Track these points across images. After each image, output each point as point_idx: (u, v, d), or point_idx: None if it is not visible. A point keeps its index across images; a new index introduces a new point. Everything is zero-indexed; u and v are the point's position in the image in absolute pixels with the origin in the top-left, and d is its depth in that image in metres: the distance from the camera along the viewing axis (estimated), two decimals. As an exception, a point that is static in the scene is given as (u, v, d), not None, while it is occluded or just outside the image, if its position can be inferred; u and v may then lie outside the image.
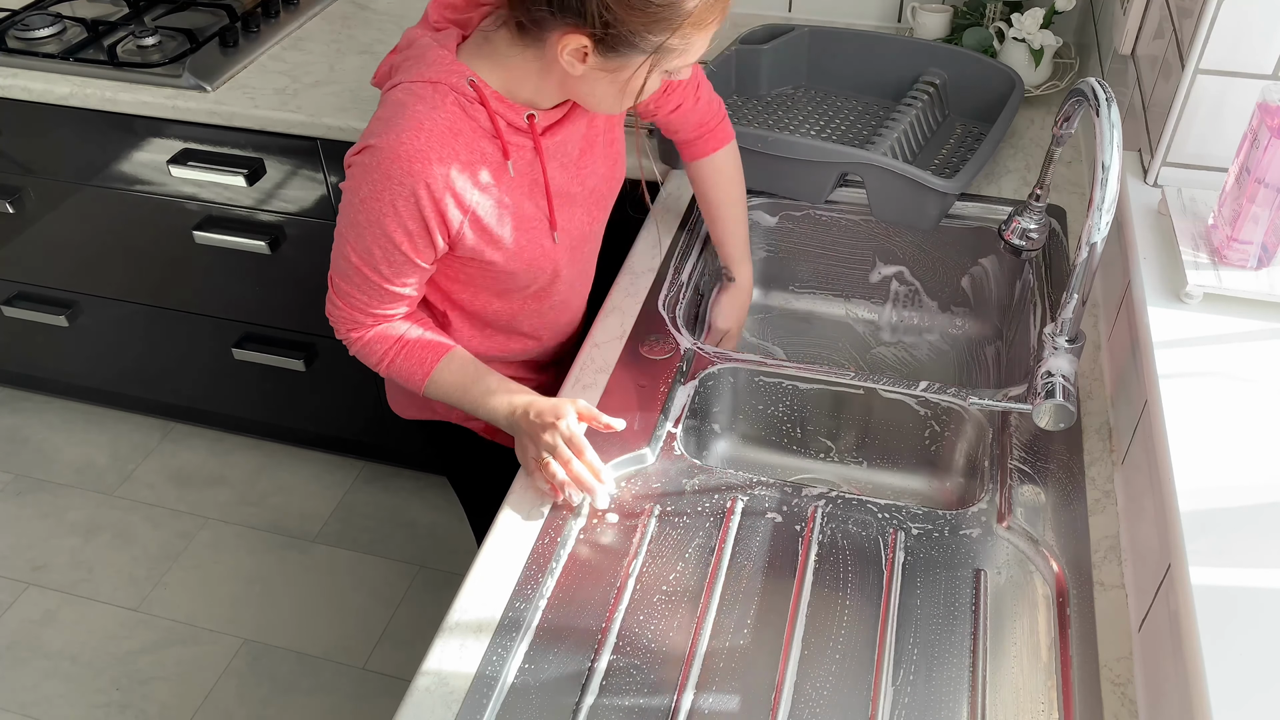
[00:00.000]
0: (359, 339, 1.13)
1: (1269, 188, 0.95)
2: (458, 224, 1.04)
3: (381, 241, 1.02)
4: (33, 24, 1.89)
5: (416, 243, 1.03)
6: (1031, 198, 1.19)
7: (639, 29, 0.92)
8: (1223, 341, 0.97)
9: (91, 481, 2.34)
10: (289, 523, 2.24)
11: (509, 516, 1.04)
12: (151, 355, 2.22)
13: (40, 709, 1.91)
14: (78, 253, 2.07)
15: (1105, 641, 0.90)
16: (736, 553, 1.01)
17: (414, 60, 1.02)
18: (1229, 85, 1.07)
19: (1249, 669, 0.71)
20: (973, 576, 0.98)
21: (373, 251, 1.03)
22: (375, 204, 1.00)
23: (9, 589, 2.11)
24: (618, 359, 1.21)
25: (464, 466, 1.43)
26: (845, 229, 1.47)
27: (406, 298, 1.10)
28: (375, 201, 1.00)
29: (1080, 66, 1.70)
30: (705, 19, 0.94)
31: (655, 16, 0.91)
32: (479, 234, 1.06)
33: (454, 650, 0.91)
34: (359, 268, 1.05)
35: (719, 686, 0.90)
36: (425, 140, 0.98)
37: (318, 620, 2.04)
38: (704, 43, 0.98)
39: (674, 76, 1.02)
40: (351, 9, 2.03)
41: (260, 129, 1.71)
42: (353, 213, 1.02)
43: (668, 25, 0.92)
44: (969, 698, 0.88)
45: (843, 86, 1.69)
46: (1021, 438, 1.09)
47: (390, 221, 1.01)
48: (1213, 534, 0.79)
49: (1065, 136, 1.09)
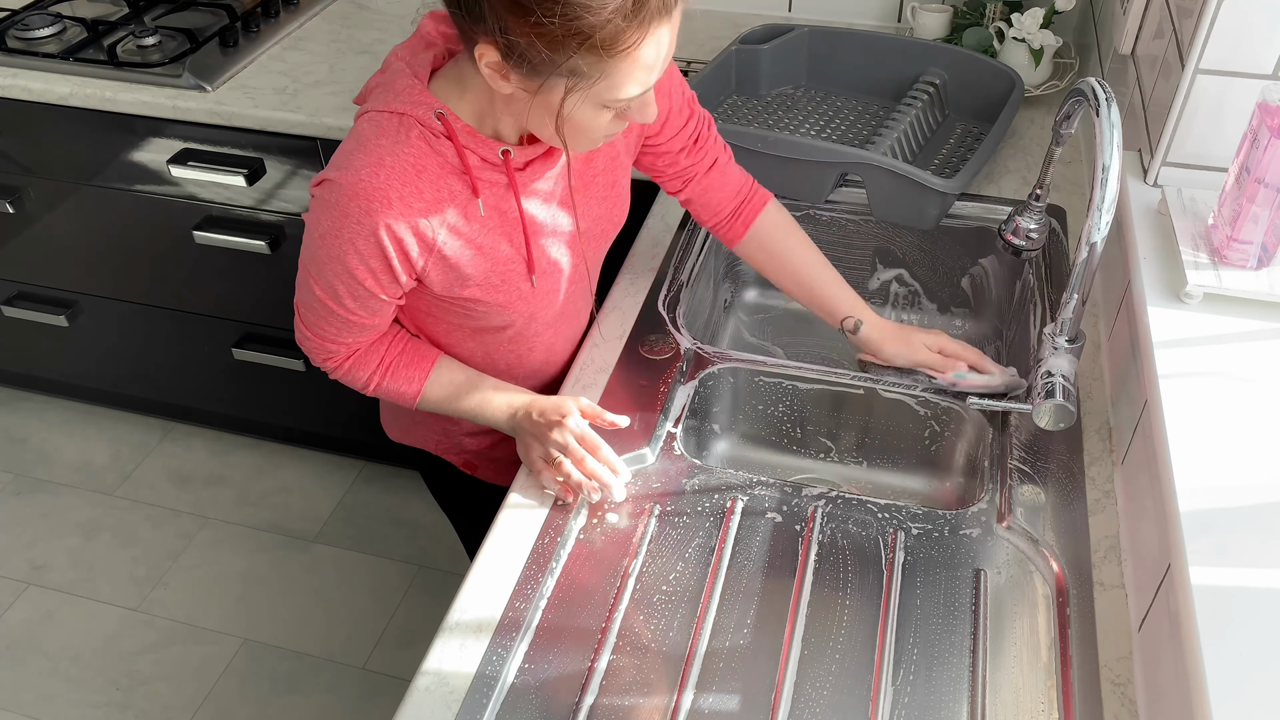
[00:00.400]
0: (336, 368, 1.10)
1: (1269, 188, 0.95)
2: (422, 263, 0.98)
3: (344, 277, 0.98)
4: (33, 24, 1.89)
5: (380, 279, 0.98)
6: (1032, 198, 1.20)
7: (537, 43, 0.82)
8: (1223, 341, 0.97)
9: (91, 481, 2.34)
10: (289, 523, 2.24)
11: (509, 516, 1.04)
12: (151, 355, 2.22)
13: (40, 709, 1.91)
14: (78, 253, 2.07)
15: (1105, 641, 0.90)
16: (736, 553, 1.01)
17: (384, 87, 0.97)
18: (1229, 85, 1.07)
19: (1249, 669, 0.71)
20: (973, 576, 0.98)
21: (335, 286, 0.99)
22: (335, 240, 0.95)
23: (9, 589, 2.11)
24: (618, 359, 1.21)
25: (447, 492, 1.41)
26: (845, 229, 1.47)
27: (375, 328, 1.06)
28: (335, 238, 0.95)
29: (1080, 66, 1.70)
30: (617, 45, 0.82)
31: (548, 31, 0.81)
32: (447, 273, 1.01)
33: (454, 650, 0.91)
34: (323, 301, 1.01)
35: (719, 686, 0.90)
36: (385, 178, 0.92)
37: (318, 620, 2.04)
38: (635, 74, 0.86)
39: (632, 116, 0.93)
40: (351, 9, 2.03)
41: (260, 129, 1.71)
42: (314, 247, 0.98)
43: (564, 45, 0.82)
44: (969, 698, 0.88)
45: (843, 86, 1.69)
46: (1021, 438, 1.09)
47: (351, 258, 0.96)
48: (1213, 534, 0.79)
49: (1065, 136, 1.09)
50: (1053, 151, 1.12)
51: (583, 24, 0.80)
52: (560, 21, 0.80)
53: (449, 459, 1.31)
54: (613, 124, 0.93)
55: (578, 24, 0.80)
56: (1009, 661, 0.91)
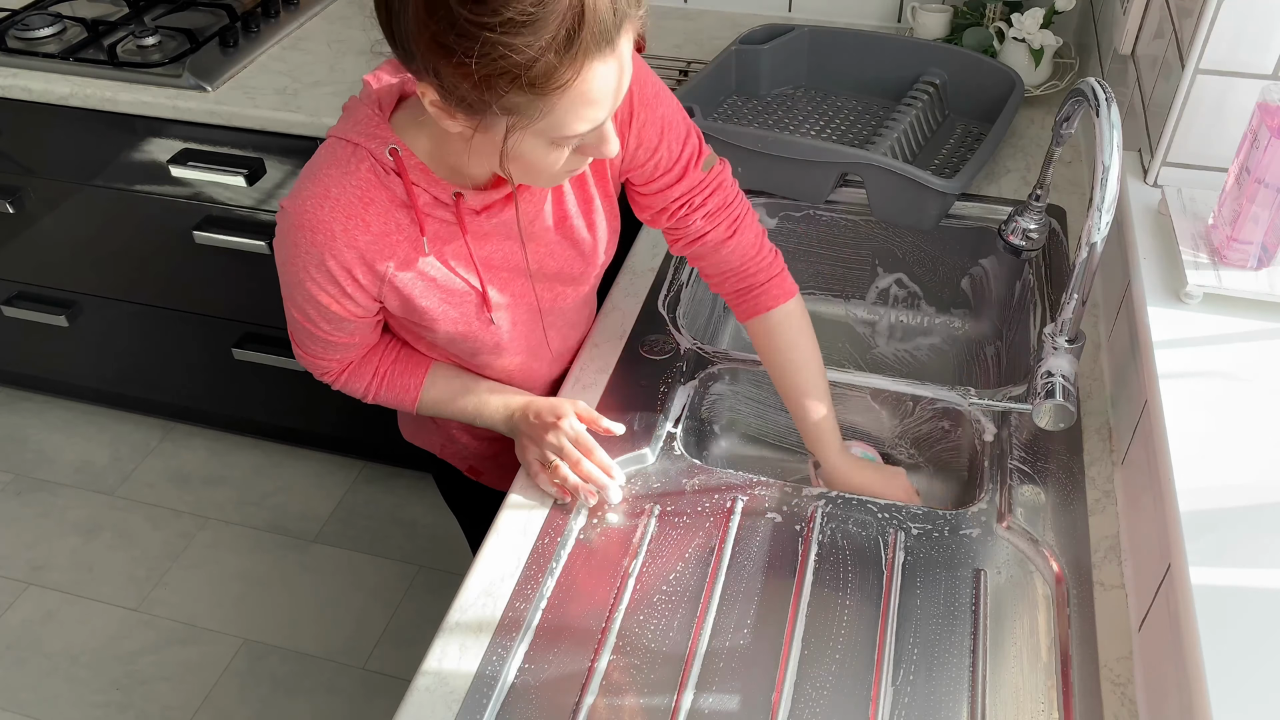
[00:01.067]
0: (334, 381, 1.11)
1: (1269, 188, 0.95)
2: (376, 290, 0.98)
3: (310, 301, 0.98)
4: (33, 24, 1.89)
5: (342, 303, 0.98)
6: (1031, 198, 1.19)
7: (464, 84, 0.77)
8: (1223, 341, 0.97)
9: (91, 481, 2.34)
10: (289, 523, 2.24)
11: (509, 516, 1.04)
12: (151, 355, 2.22)
13: (40, 709, 1.91)
14: (78, 253, 2.07)
15: (1105, 641, 0.90)
16: (736, 553, 1.01)
17: (348, 113, 0.95)
18: (1229, 85, 1.07)
19: (1249, 669, 0.71)
20: (973, 576, 0.98)
21: (306, 309, 1.00)
22: (293, 269, 0.96)
23: (9, 589, 2.11)
24: (618, 359, 1.21)
25: (454, 495, 1.43)
26: (845, 229, 1.47)
27: (358, 345, 1.07)
28: (293, 265, 0.96)
29: (1080, 66, 1.70)
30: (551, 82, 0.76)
31: (474, 72, 0.75)
32: (401, 303, 1.00)
33: (454, 650, 0.91)
34: (301, 324, 1.02)
35: (719, 686, 0.90)
36: (329, 211, 0.91)
37: (318, 620, 2.04)
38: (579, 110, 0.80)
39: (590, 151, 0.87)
40: (351, 9, 2.03)
41: (260, 129, 1.71)
42: (281, 273, 0.99)
43: (494, 84, 0.76)
44: (969, 698, 0.88)
45: (843, 86, 1.69)
46: (1021, 438, 1.09)
47: (310, 285, 0.96)
48: (1213, 534, 0.79)
49: (1065, 136, 1.09)
50: (1053, 152, 1.12)
51: (508, 63, 0.74)
52: (484, 61, 0.74)
53: (454, 464, 1.32)
54: (572, 159, 0.87)
55: (502, 63, 0.74)
56: (1009, 661, 0.91)
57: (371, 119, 0.93)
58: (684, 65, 1.80)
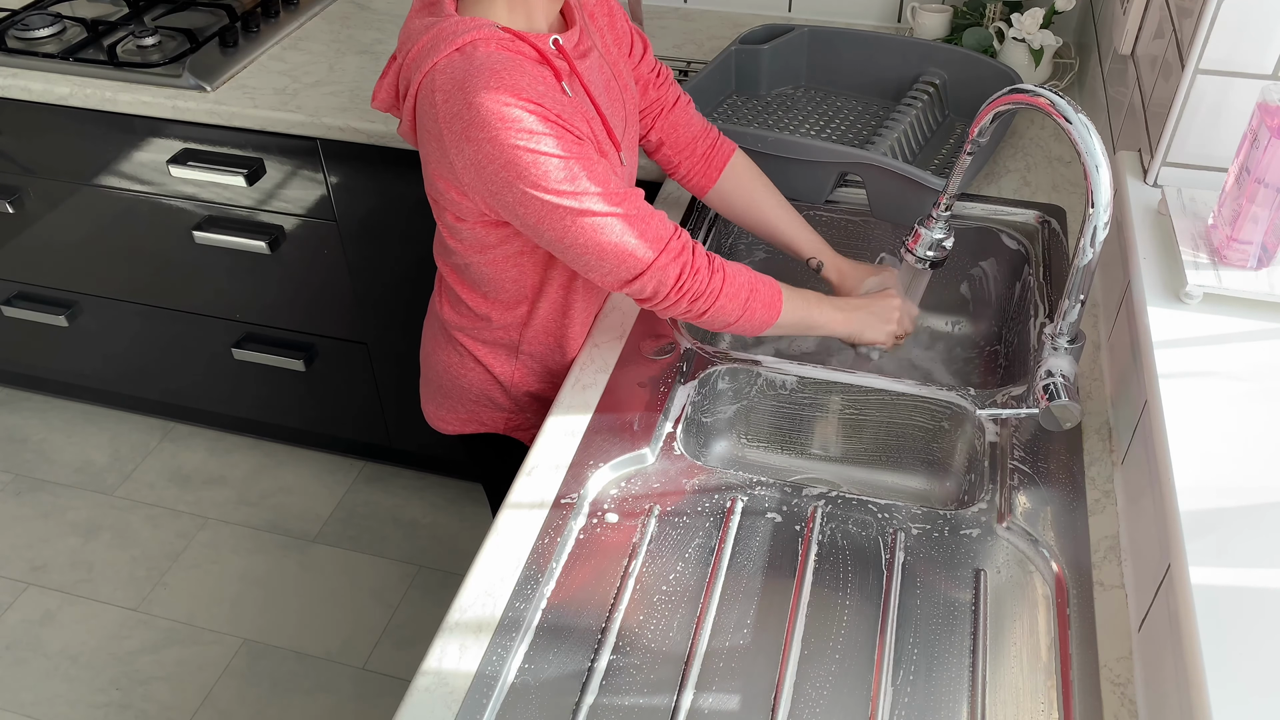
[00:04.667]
0: (711, 271, 1.08)
1: (1269, 188, 0.95)
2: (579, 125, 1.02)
3: (553, 133, 0.98)
4: (33, 24, 1.89)
5: (562, 136, 0.99)
6: (938, 207, 1.18)
7: None
8: (1223, 341, 0.97)
9: (91, 481, 2.34)
10: (289, 523, 2.24)
11: (509, 516, 1.04)
12: (151, 355, 2.22)
13: (40, 709, 1.91)
14: (78, 253, 2.07)
15: (1105, 641, 0.90)
16: (736, 553, 1.01)
17: (433, 40, 1.00)
18: (1229, 85, 1.07)
19: (1249, 669, 0.71)
20: (973, 576, 0.98)
21: (559, 143, 0.98)
22: (515, 144, 0.97)
23: (9, 589, 2.11)
24: (618, 359, 1.21)
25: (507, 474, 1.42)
26: (845, 229, 1.47)
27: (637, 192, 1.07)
28: (514, 141, 0.97)
29: (1080, 66, 1.70)
30: None
31: None
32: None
33: (454, 650, 0.91)
34: (565, 159, 0.99)
35: (719, 686, 0.90)
36: (514, 79, 0.96)
37: (318, 620, 2.04)
38: None
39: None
40: (351, 9, 2.03)
41: (260, 129, 1.71)
42: (497, 140, 0.97)
43: None
44: (969, 698, 0.88)
45: (843, 86, 1.69)
46: (1021, 438, 1.09)
47: (539, 141, 0.97)
48: (1213, 534, 0.79)
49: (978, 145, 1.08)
50: (963, 161, 1.11)
51: None
52: None
53: (519, 437, 1.33)
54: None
55: None
56: (1009, 661, 0.91)
57: (458, 21, 1.00)
58: (684, 65, 1.80)
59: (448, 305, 1.25)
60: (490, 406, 1.31)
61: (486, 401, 1.30)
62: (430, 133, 1.03)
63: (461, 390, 1.30)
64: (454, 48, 0.99)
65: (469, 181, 1.02)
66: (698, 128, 1.29)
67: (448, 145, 1.00)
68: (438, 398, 1.34)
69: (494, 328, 1.23)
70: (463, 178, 1.03)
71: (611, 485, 1.07)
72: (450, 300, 1.24)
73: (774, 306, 1.13)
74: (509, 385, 1.27)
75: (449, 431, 1.36)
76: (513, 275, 1.17)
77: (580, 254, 1.04)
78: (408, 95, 1.04)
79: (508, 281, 1.17)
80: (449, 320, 1.26)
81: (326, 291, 1.95)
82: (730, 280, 1.10)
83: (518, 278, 1.17)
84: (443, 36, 0.99)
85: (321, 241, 1.86)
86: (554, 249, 1.05)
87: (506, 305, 1.20)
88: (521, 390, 1.28)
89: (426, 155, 1.07)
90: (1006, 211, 1.43)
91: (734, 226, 1.48)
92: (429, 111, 1.01)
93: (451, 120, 0.98)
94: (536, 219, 1.02)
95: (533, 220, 1.02)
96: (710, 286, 1.08)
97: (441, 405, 1.34)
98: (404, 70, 1.04)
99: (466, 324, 1.24)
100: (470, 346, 1.26)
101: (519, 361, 1.25)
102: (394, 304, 1.91)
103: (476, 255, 1.15)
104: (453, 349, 1.27)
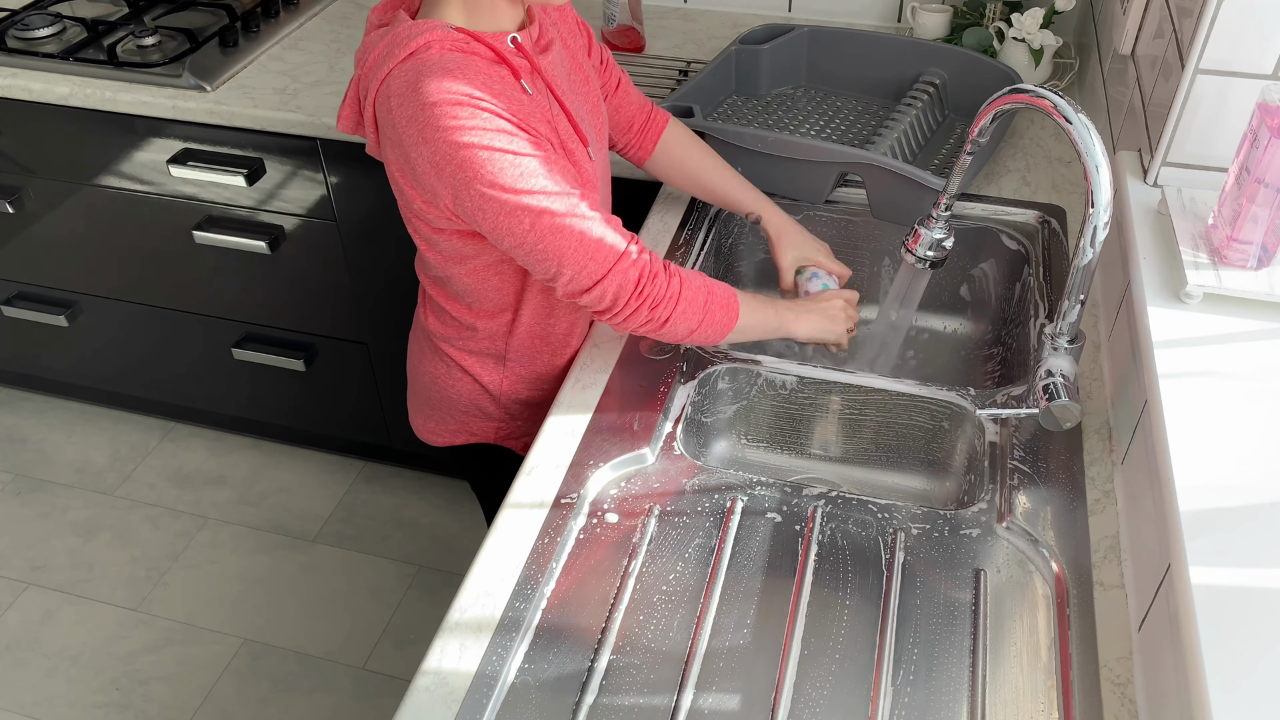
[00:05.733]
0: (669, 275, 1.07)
1: (1269, 188, 0.95)
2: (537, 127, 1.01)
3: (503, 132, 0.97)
4: (33, 24, 1.89)
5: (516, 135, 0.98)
6: (938, 207, 1.18)
7: None
8: (1223, 341, 0.97)
9: (91, 481, 2.34)
10: (289, 523, 2.24)
11: (509, 516, 1.04)
12: (151, 355, 2.22)
13: (40, 709, 1.91)
14: (78, 253, 2.07)
15: (1105, 641, 0.90)
16: (736, 553, 1.01)
17: (389, 45, 0.99)
18: (1229, 85, 1.07)
19: (1249, 669, 0.71)
20: (973, 576, 0.98)
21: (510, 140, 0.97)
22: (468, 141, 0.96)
23: (9, 589, 2.11)
24: (618, 359, 1.21)
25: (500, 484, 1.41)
26: (845, 229, 1.47)
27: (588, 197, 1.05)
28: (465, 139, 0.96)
29: (1080, 66, 1.70)
30: None
31: None
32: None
33: (454, 650, 0.91)
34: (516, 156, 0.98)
35: (719, 686, 0.90)
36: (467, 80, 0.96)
37: (318, 620, 2.04)
38: None
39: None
40: (351, 9, 2.03)
41: (260, 129, 1.71)
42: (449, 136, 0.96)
43: None
44: (969, 698, 0.88)
45: (843, 86, 1.69)
46: (1021, 438, 1.09)
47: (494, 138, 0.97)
48: (1213, 534, 0.79)
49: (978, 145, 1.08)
50: (963, 161, 1.11)
51: None
52: None
53: (510, 445, 1.33)
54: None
55: None
56: (1009, 661, 0.91)
57: (411, 26, 0.99)
58: (684, 65, 1.80)
59: (432, 317, 1.25)
60: (480, 416, 1.30)
61: (476, 411, 1.29)
62: (391, 140, 1.01)
63: (450, 401, 1.29)
64: (408, 52, 0.97)
65: (435, 186, 1.01)
66: (636, 105, 1.31)
67: (409, 149, 0.99)
68: (426, 410, 1.33)
69: (479, 337, 1.22)
70: (426, 181, 1.01)
71: (611, 485, 1.07)
72: (434, 312, 1.24)
73: (732, 309, 1.12)
74: (498, 394, 1.27)
75: (439, 444, 1.35)
76: (494, 284, 1.16)
77: (540, 258, 1.03)
78: (365, 108, 1.03)
79: (489, 290, 1.16)
80: (434, 331, 1.25)
81: (326, 291, 1.95)
82: (688, 284, 1.09)
83: (499, 286, 1.16)
84: (396, 43, 0.99)
85: (321, 241, 1.86)
86: (515, 254, 1.04)
87: (490, 314, 1.19)
88: (511, 398, 1.28)
89: (392, 165, 1.05)
90: (1006, 211, 1.43)
91: (734, 225, 1.48)
92: (388, 119, 1.00)
93: (408, 124, 0.97)
94: (494, 221, 1.00)
95: (490, 223, 1.01)
96: (670, 291, 1.07)
97: (430, 417, 1.33)
98: (361, 83, 1.03)
99: (452, 334, 1.23)
100: (457, 357, 1.25)
101: (507, 369, 1.25)
102: (394, 304, 1.91)
103: (456, 266, 1.14)
104: (439, 360, 1.27)
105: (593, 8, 1.98)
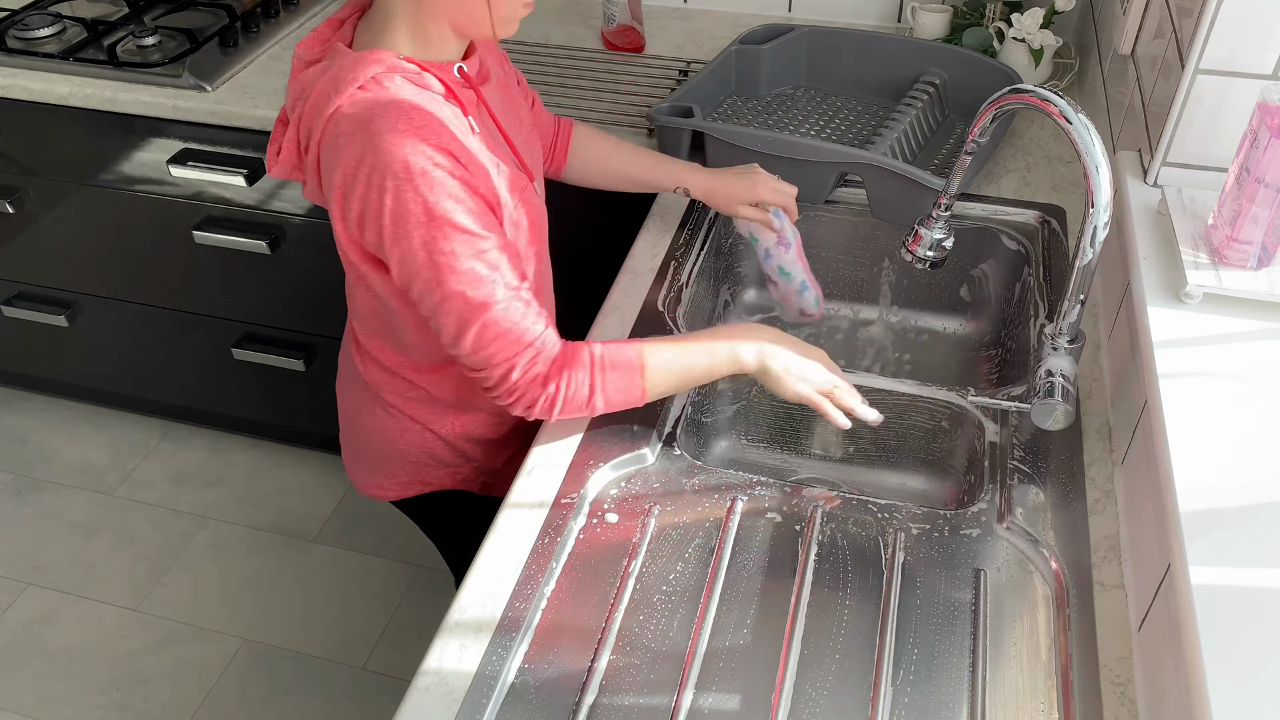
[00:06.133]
0: (557, 389, 1.00)
1: (1269, 188, 0.95)
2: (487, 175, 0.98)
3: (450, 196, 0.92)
4: (33, 24, 1.89)
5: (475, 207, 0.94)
6: (938, 207, 1.17)
7: None
8: (1223, 341, 0.97)
9: (91, 481, 2.34)
10: (289, 523, 2.24)
11: (509, 516, 1.04)
12: (151, 355, 2.22)
13: (40, 709, 1.91)
14: (78, 253, 2.07)
15: (1105, 641, 0.90)
16: (736, 553, 1.01)
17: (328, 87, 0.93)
18: (1229, 85, 1.07)
19: (1249, 669, 0.71)
20: (973, 576, 0.98)
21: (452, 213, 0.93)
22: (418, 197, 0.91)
23: (9, 589, 2.11)
24: (618, 359, 1.21)
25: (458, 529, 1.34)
26: (845, 229, 1.47)
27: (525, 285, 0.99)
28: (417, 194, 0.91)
29: (1080, 66, 1.70)
30: None
31: None
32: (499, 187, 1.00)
33: (454, 650, 0.91)
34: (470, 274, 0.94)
35: (719, 686, 0.90)
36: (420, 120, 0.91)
37: (318, 620, 2.04)
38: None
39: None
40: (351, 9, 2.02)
41: (260, 129, 1.71)
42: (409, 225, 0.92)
43: None
44: (969, 698, 0.88)
45: (843, 86, 1.69)
46: (1021, 438, 1.09)
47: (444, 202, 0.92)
48: (1213, 534, 0.79)
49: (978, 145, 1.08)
50: (963, 161, 1.11)
51: None
52: None
53: (467, 488, 1.26)
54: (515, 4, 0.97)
55: None
56: (1009, 661, 0.91)
57: (357, 57, 0.94)
58: (684, 65, 1.80)
59: (373, 367, 1.16)
60: (434, 465, 1.22)
61: (430, 461, 1.21)
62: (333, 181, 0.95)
63: (399, 454, 1.21)
64: (356, 85, 0.92)
65: (363, 228, 0.95)
66: (549, 121, 1.28)
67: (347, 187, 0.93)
68: (370, 465, 1.25)
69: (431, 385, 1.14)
70: (354, 220, 0.95)
71: (611, 485, 1.07)
72: (373, 362, 1.16)
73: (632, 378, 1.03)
74: (453, 439, 1.19)
75: (387, 499, 1.28)
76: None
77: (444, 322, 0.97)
78: (309, 149, 0.96)
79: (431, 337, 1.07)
80: (375, 382, 1.17)
81: (326, 291, 1.95)
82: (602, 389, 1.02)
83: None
84: (342, 76, 0.93)
85: (321, 241, 1.86)
86: (422, 306, 0.98)
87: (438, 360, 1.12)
88: (474, 438, 1.20)
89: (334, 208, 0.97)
90: (1006, 211, 1.43)
91: (732, 229, 1.48)
92: (333, 159, 0.93)
93: (357, 164, 0.91)
94: (413, 272, 0.95)
95: (409, 273, 0.96)
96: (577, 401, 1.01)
97: (377, 472, 1.24)
98: (303, 122, 0.96)
99: (397, 384, 1.15)
100: (403, 406, 1.17)
101: (467, 414, 1.17)
102: (394, 304, 1.91)
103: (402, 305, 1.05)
104: (383, 411, 1.18)
105: (593, 8, 1.98)
